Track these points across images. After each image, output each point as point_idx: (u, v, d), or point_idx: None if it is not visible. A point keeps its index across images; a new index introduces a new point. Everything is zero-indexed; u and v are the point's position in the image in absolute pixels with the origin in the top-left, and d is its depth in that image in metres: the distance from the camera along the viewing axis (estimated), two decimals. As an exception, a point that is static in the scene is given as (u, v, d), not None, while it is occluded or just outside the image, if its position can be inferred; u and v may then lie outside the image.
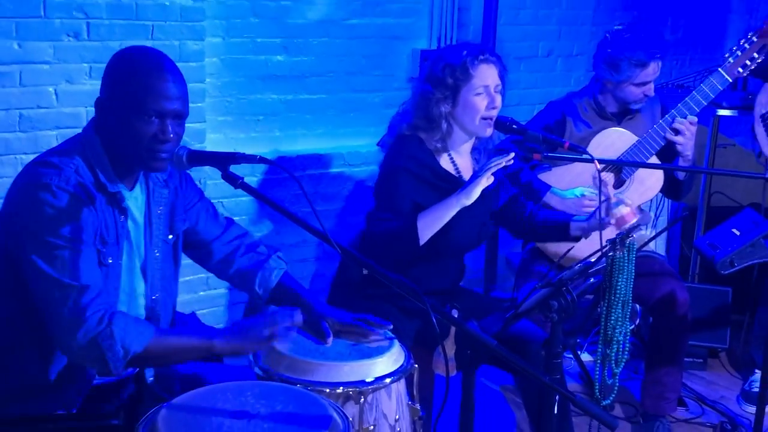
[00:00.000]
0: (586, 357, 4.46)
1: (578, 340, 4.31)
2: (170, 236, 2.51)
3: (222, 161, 2.19)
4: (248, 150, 3.96)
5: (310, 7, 4.27)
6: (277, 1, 4.16)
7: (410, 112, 3.13)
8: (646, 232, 4.35)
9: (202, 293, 4.09)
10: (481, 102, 3.02)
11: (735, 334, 4.59)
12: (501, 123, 3.07)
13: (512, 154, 2.94)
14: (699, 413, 4.06)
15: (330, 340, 2.48)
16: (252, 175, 4.09)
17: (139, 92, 2.22)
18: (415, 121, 3.09)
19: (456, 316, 2.21)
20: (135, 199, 2.40)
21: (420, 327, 3.11)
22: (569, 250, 2.93)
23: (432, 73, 3.07)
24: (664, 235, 5.19)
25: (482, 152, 3.22)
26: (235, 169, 2.18)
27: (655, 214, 4.99)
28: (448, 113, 3.05)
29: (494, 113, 3.04)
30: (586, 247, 3.21)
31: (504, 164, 2.92)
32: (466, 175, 3.14)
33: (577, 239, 3.24)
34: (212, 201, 2.75)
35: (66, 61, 3.54)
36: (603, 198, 3.10)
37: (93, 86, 3.57)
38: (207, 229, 2.66)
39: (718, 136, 4.70)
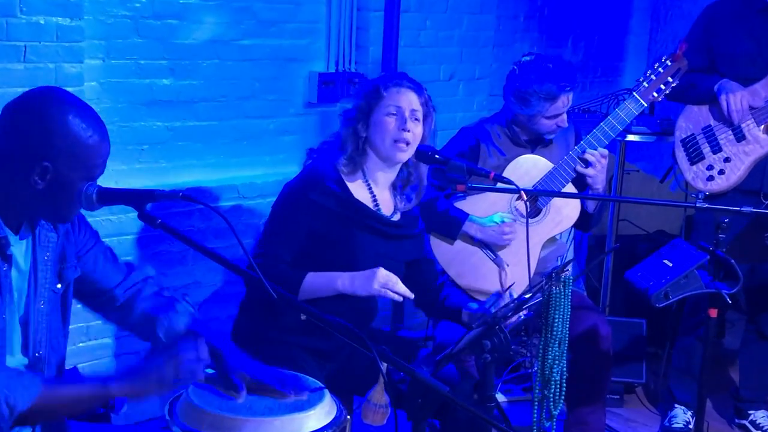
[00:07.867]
0: (500, 397, 4.39)
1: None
2: (59, 285, 2.37)
3: (138, 199, 2.15)
4: (132, 183, 3.97)
5: (199, 27, 4.14)
6: (162, 20, 4.01)
7: (333, 141, 3.20)
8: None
9: (81, 344, 3.86)
10: (391, 122, 3.05)
11: (651, 368, 4.63)
12: (422, 153, 3.10)
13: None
14: (620, 453, 4.05)
15: (243, 395, 2.34)
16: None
17: (89, 158, 2.19)
18: (335, 148, 3.16)
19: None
20: (20, 245, 2.28)
21: (332, 371, 3.08)
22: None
23: (354, 98, 3.19)
24: (572, 267, 5.09)
25: (407, 196, 3.23)
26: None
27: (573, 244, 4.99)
28: (364, 138, 3.11)
29: (407, 136, 3.05)
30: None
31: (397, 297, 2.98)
32: (385, 208, 3.14)
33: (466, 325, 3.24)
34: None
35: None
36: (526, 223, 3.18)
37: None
38: (106, 275, 2.51)
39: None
